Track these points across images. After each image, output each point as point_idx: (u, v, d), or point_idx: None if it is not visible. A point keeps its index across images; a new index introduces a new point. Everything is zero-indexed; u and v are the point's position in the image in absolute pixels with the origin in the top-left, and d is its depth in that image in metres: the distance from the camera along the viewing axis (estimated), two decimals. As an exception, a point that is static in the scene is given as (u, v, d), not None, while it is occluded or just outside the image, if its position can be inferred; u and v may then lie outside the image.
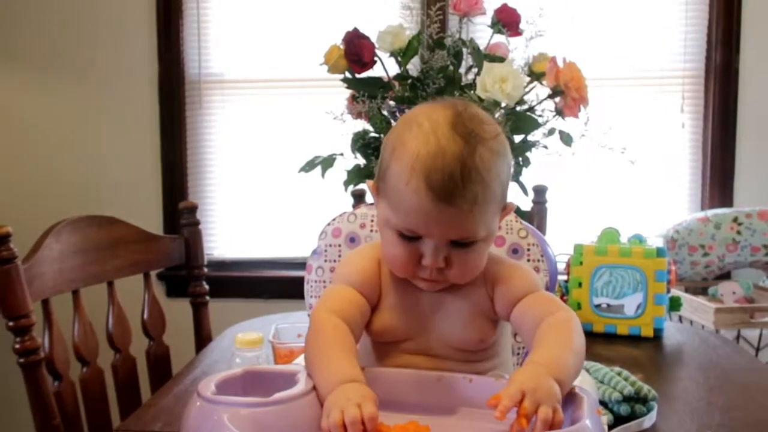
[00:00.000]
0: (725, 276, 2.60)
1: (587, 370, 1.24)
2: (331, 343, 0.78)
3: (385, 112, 1.65)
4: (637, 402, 1.19)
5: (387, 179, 0.78)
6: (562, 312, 0.79)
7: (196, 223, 1.88)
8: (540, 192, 2.16)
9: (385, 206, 0.79)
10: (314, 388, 0.74)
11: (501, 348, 0.87)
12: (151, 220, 2.74)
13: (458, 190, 0.74)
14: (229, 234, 2.89)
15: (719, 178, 2.68)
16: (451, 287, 0.82)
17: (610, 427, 1.10)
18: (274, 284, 2.76)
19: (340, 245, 0.99)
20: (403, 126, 0.79)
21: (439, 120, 0.76)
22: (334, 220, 1.01)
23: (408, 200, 0.75)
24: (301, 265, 1.04)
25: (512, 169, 0.81)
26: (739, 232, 2.42)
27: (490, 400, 0.68)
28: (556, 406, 0.67)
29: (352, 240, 0.99)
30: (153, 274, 1.82)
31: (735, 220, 2.43)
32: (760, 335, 2.25)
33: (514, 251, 0.94)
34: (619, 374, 1.25)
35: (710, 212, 2.49)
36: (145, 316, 1.74)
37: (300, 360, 0.89)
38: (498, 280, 0.82)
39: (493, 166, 0.76)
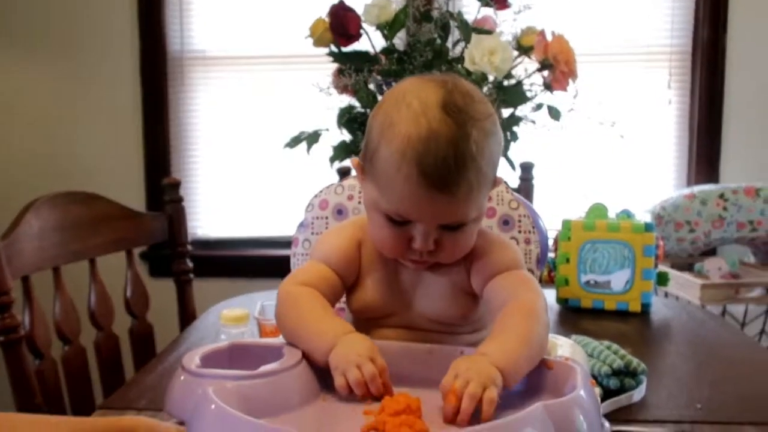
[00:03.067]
0: (711, 252, 2.61)
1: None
2: (311, 307, 0.78)
3: (371, 86, 1.62)
4: (626, 376, 1.18)
5: (375, 162, 0.75)
6: (528, 296, 0.76)
7: (180, 199, 1.85)
8: (527, 168, 2.15)
9: (372, 189, 0.77)
10: (301, 360, 0.73)
11: (489, 321, 0.85)
12: (134, 198, 2.71)
13: (452, 177, 0.71)
14: (213, 213, 2.86)
15: (705, 154, 2.68)
16: (433, 263, 0.80)
17: (600, 400, 1.09)
18: (259, 263, 2.74)
19: (327, 217, 0.97)
20: (390, 105, 0.75)
21: (429, 99, 0.72)
22: (321, 192, 0.99)
23: (399, 186, 0.72)
24: (286, 243, 1.01)
25: (502, 146, 0.79)
26: (725, 209, 2.42)
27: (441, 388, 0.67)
28: (488, 385, 0.65)
29: (340, 212, 0.97)
30: (136, 252, 1.79)
31: (721, 196, 2.43)
32: (746, 311, 2.27)
33: (505, 222, 0.92)
34: (608, 348, 1.25)
35: (696, 189, 2.49)
36: (128, 294, 1.72)
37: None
38: (477, 254, 0.80)
39: (486, 148, 0.74)
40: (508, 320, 0.73)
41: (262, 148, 2.75)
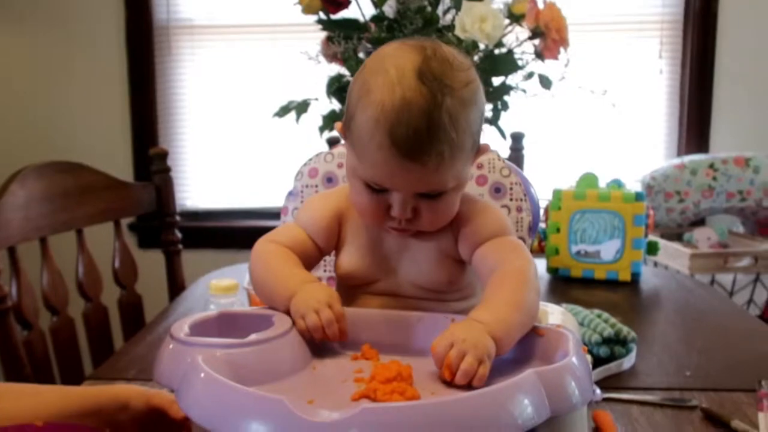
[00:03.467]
0: (700, 222, 2.62)
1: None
2: (277, 259, 0.79)
3: (360, 55, 1.60)
4: (616, 344, 1.19)
5: (353, 129, 0.74)
6: (518, 262, 0.75)
7: (167, 170, 1.83)
8: (517, 138, 2.13)
9: (351, 155, 0.76)
10: (291, 329, 0.72)
11: (479, 288, 0.84)
12: (121, 168, 2.69)
13: (423, 147, 0.70)
14: (201, 184, 2.84)
15: (696, 124, 2.68)
16: (416, 230, 0.79)
17: (591, 368, 1.09)
18: (248, 234, 2.71)
19: (317, 186, 0.96)
20: (369, 70, 0.74)
21: (405, 67, 0.71)
22: (310, 160, 0.98)
23: (372, 155, 0.72)
24: (275, 214, 1.00)
25: (484, 114, 0.77)
26: (714, 178, 2.42)
27: (431, 349, 0.67)
28: (484, 359, 0.64)
29: (330, 180, 0.96)
30: (124, 222, 1.78)
31: (711, 166, 2.44)
32: (734, 280, 2.28)
33: (497, 190, 0.91)
34: (599, 317, 1.25)
35: (686, 158, 2.49)
36: (116, 264, 1.70)
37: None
38: (463, 221, 0.79)
39: (463, 117, 0.72)
40: (500, 286, 0.72)
41: (251, 117, 2.73)
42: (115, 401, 0.84)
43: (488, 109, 1.68)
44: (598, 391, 0.92)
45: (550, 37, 1.57)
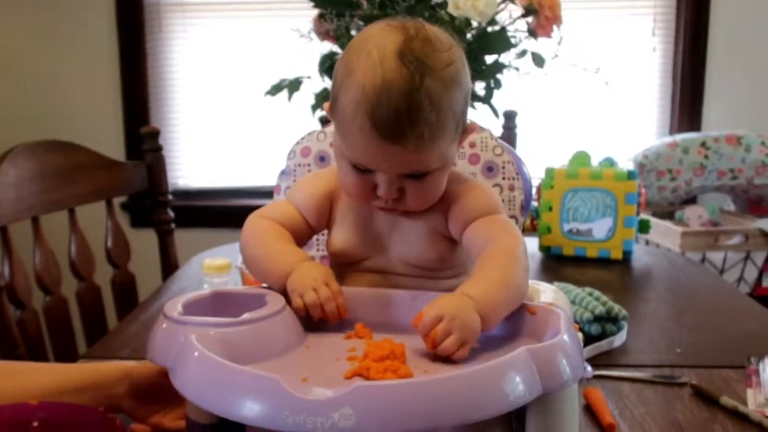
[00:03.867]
0: (692, 200, 2.63)
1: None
2: (271, 236, 0.80)
3: (353, 32, 1.59)
4: (607, 322, 1.19)
5: (337, 109, 0.74)
6: (508, 240, 0.75)
7: (159, 148, 1.82)
8: (510, 117, 2.13)
9: (337, 135, 0.76)
10: (284, 307, 0.72)
11: (470, 266, 0.84)
12: (113, 147, 2.67)
13: (404, 128, 0.70)
14: (193, 162, 2.83)
15: (688, 102, 2.68)
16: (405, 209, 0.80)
17: (582, 346, 1.10)
18: (241, 213, 2.70)
19: (309, 164, 0.96)
20: (353, 51, 0.74)
21: (387, 48, 0.71)
22: (302, 139, 0.98)
23: (355, 135, 0.72)
24: (267, 193, 1.00)
25: (469, 94, 0.77)
26: (706, 157, 2.43)
27: (414, 319, 0.67)
28: (467, 340, 0.66)
29: (322, 159, 0.96)
30: (116, 202, 1.77)
31: (703, 144, 2.44)
32: (725, 258, 2.29)
33: (489, 169, 0.91)
34: (590, 295, 1.26)
35: (678, 137, 2.50)
36: (109, 244, 1.70)
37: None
38: (454, 199, 0.80)
39: (444, 98, 0.72)
40: (490, 263, 0.73)
41: (243, 96, 2.72)
42: (115, 374, 0.85)
43: (481, 88, 1.68)
44: (589, 368, 0.93)
45: (543, 14, 1.57)
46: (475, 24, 1.55)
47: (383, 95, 0.70)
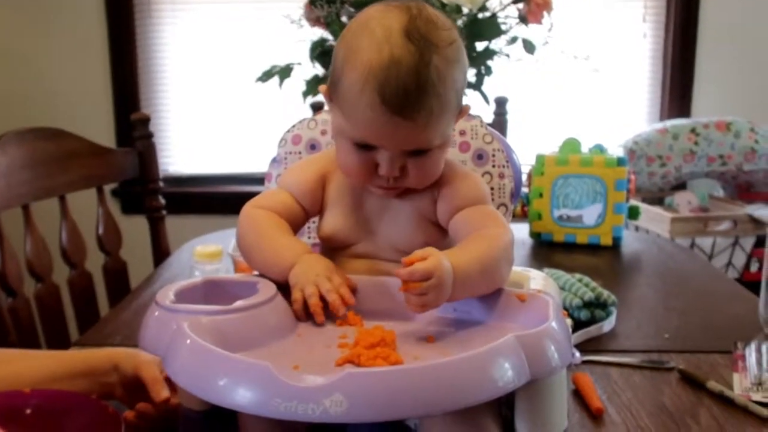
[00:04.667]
0: (681, 186, 2.64)
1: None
2: (270, 227, 0.80)
3: (344, 18, 1.59)
4: (596, 307, 1.20)
5: (339, 89, 0.75)
6: (497, 230, 0.77)
7: (150, 135, 1.82)
8: (501, 103, 2.14)
9: (338, 115, 0.77)
10: (276, 295, 0.73)
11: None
12: (103, 134, 2.66)
13: (413, 103, 0.71)
14: (184, 149, 2.82)
15: (678, 88, 2.68)
16: (400, 191, 0.80)
17: (571, 331, 1.11)
18: (232, 199, 2.71)
19: (300, 152, 0.96)
20: (354, 31, 0.75)
21: (392, 26, 0.72)
22: (293, 126, 0.98)
23: (361, 113, 0.73)
24: (259, 179, 1.01)
25: (467, 73, 0.78)
26: (696, 143, 2.44)
27: (405, 260, 0.68)
28: (436, 305, 0.69)
29: (313, 147, 0.96)
30: (107, 189, 1.77)
31: (693, 130, 2.45)
32: (714, 243, 2.31)
33: (479, 157, 0.91)
34: (580, 281, 1.27)
35: (669, 123, 2.51)
36: (100, 231, 1.70)
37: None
38: (444, 184, 0.81)
39: (449, 75, 0.74)
40: (474, 242, 0.75)
41: (234, 82, 2.71)
42: (107, 361, 0.85)
43: (472, 74, 1.68)
44: (577, 354, 0.94)
45: (533, 1, 1.57)
46: (465, 10, 1.55)
47: (392, 71, 0.71)
